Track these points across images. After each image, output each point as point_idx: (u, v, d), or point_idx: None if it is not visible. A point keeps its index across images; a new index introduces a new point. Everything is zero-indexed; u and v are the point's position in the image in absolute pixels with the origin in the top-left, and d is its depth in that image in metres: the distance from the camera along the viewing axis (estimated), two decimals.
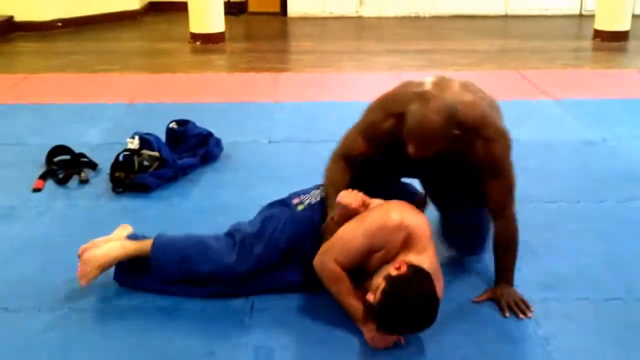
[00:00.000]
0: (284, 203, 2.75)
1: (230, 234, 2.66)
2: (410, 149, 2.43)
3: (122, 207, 3.47)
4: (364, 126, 2.67)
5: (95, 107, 5.08)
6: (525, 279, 2.79)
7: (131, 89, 5.61)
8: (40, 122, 4.73)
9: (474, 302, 2.64)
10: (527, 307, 2.58)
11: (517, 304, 2.58)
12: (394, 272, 2.29)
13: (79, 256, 2.81)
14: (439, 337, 2.46)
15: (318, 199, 2.72)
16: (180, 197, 3.60)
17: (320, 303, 2.63)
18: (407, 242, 2.40)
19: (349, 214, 2.51)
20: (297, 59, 7.25)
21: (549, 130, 4.65)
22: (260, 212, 2.77)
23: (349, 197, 2.52)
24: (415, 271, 2.29)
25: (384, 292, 2.25)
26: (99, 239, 2.85)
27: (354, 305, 2.45)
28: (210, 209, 3.42)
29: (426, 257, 2.39)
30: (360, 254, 2.44)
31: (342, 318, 2.54)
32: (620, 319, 2.56)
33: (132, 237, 2.81)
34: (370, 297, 2.31)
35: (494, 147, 2.54)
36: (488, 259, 2.88)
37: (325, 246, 2.52)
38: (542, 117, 4.94)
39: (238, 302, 2.64)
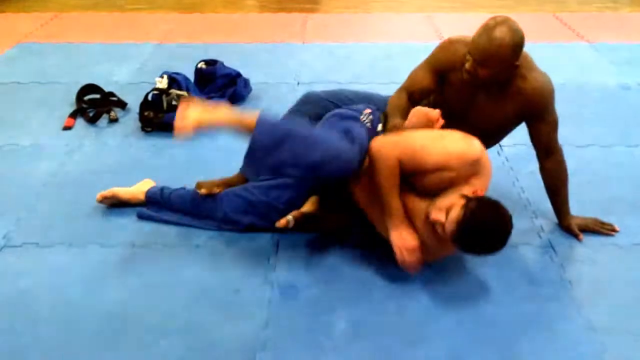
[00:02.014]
0: (355, 118, 2.59)
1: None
2: (468, 63, 2.44)
3: (150, 146, 3.49)
4: (429, 59, 2.70)
5: (125, 46, 5.07)
6: (553, 224, 2.79)
7: (160, 29, 5.58)
8: (70, 61, 4.75)
9: (580, 240, 2.69)
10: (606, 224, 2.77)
11: (602, 226, 2.75)
12: (470, 194, 2.27)
13: (99, 201, 2.88)
14: (466, 278, 2.48)
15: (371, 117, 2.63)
16: (207, 137, 3.59)
17: (345, 243, 2.65)
18: (475, 176, 2.35)
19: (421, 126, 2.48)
20: None
21: (583, 74, 4.55)
22: (331, 121, 2.58)
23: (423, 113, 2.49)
24: (492, 199, 2.29)
25: (468, 207, 2.21)
26: (121, 188, 2.92)
27: (395, 205, 2.39)
28: (238, 149, 3.38)
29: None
30: (424, 169, 2.37)
31: (366, 258, 2.56)
32: None
33: (152, 192, 2.88)
34: (438, 215, 2.26)
35: (543, 89, 2.58)
36: (507, 200, 2.88)
37: (392, 139, 2.42)
38: (577, 61, 4.84)
39: (263, 240, 2.67)
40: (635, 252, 2.63)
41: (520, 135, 2.92)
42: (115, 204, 2.89)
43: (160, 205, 2.85)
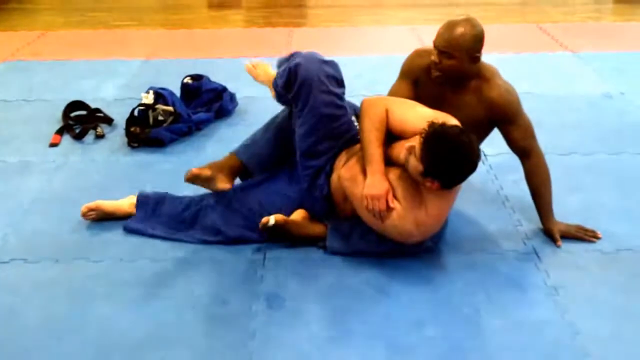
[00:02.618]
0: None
1: None
2: (434, 55, 2.64)
3: (137, 162, 3.50)
4: (401, 70, 2.91)
5: (112, 63, 5.09)
6: (538, 231, 2.82)
7: (147, 45, 5.60)
8: (57, 78, 4.76)
9: (558, 246, 2.72)
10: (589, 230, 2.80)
11: (584, 233, 2.77)
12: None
13: (83, 214, 2.89)
14: (449, 285, 2.50)
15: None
16: (194, 151, 3.63)
17: (330, 254, 2.67)
18: None
19: None
20: (313, 13, 7.19)
21: (567, 83, 4.60)
22: None
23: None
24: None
25: (431, 126, 2.34)
26: (106, 201, 2.93)
27: (374, 152, 2.50)
28: None
29: None
30: (406, 129, 2.51)
31: (352, 268, 2.58)
32: (630, 270, 2.58)
33: (144, 194, 2.91)
34: (411, 142, 2.38)
35: (509, 95, 2.71)
36: (492, 208, 2.91)
37: (384, 97, 2.71)
38: (561, 70, 4.89)
39: (250, 252, 2.68)
40: (619, 258, 2.65)
41: (503, 144, 2.95)
42: (100, 218, 2.90)
43: (150, 209, 2.85)
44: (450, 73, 2.64)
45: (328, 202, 2.74)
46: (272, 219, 2.59)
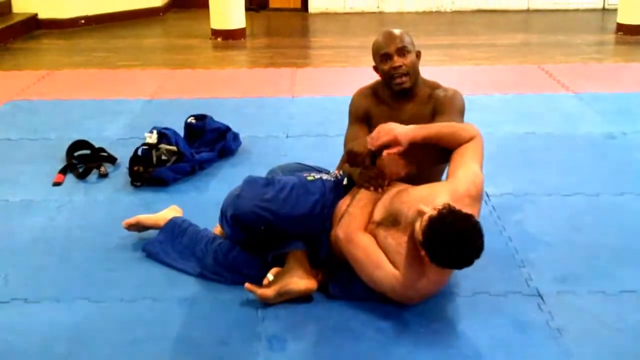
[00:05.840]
0: (291, 174, 2.87)
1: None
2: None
3: (140, 201, 3.50)
4: (349, 115, 3.03)
5: (116, 102, 5.13)
6: (541, 272, 2.79)
7: (152, 85, 5.65)
8: (61, 118, 4.79)
9: None
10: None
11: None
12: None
13: (126, 228, 3.02)
14: (452, 327, 2.48)
15: (332, 178, 2.79)
16: (197, 191, 3.63)
17: (331, 295, 2.65)
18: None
19: None
20: (316, 54, 7.27)
21: (569, 124, 4.60)
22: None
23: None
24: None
25: (445, 208, 2.30)
26: (145, 215, 3.06)
27: (439, 129, 2.63)
28: None
29: None
30: (452, 161, 2.64)
31: (352, 310, 2.56)
32: (633, 312, 2.55)
33: (171, 223, 2.97)
34: (425, 208, 2.34)
35: (454, 94, 2.88)
36: (495, 249, 2.89)
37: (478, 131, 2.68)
38: (563, 111, 4.90)
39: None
40: (623, 300, 2.62)
41: (506, 185, 2.97)
42: (140, 231, 3.03)
43: (174, 235, 2.91)
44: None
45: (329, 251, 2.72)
46: (270, 276, 2.61)
